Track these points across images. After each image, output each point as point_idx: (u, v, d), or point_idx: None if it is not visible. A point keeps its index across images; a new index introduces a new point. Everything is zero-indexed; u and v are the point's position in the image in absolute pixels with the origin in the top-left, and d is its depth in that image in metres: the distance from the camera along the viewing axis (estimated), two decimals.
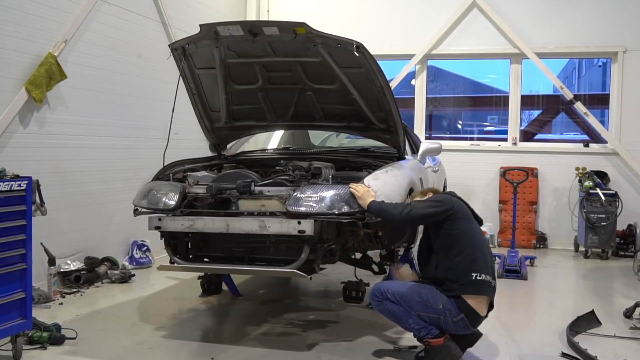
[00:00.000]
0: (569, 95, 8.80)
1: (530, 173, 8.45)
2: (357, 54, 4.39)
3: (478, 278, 3.82)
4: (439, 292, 3.84)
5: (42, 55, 5.57)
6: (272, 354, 4.16)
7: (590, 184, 8.13)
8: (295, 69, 4.93)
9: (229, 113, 5.43)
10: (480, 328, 4.73)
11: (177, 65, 5.02)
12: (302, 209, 4.09)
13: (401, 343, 4.35)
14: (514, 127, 9.14)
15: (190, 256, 4.77)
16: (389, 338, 4.49)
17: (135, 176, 6.37)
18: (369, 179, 4.26)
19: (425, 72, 9.50)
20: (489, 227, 8.89)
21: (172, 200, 4.46)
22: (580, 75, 13.31)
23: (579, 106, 8.73)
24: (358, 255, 5.22)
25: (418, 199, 4.12)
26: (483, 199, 9.07)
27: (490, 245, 8.56)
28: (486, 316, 3.98)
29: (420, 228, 5.37)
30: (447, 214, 3.86)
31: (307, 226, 4.03)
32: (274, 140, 6.61)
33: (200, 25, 4.63)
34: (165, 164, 4.92)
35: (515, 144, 9.09)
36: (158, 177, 4.81)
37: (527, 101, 9.64)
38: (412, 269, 6.54)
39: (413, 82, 9.60)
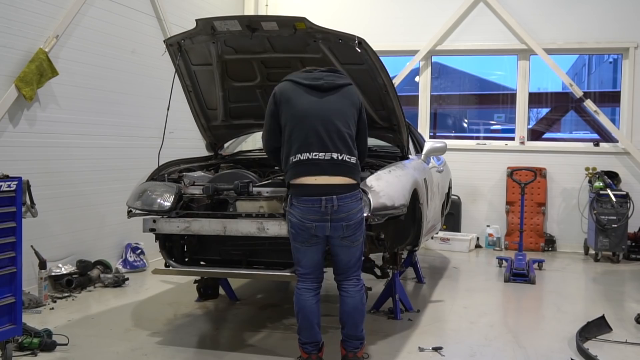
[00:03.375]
0: (578, 92, 8.80)
1: (539, 173, 8.45)
2: (359, 50, 4.40)
3: (294, 160, 3.72)
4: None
5: (32, 51, 5.57)
6: None
7: (601, 184, 8.13)
8: (295, 65, 4.93)
9: (226, 111, 5.44)
10: (486, 332, 4.75)
11: (173, 61, 5.03)
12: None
13: (422, 345, 4.39)
14: (521, 126, 9.14)
15: (186, 259, 4.78)
16: (391, 344, 4.49)
17: (129, 176, 6.36)
18: (371, 179, 4.26)
19: (429, 69, 9.50)
20: (496, 229, 8.90)
21: (167, 202, 4.47)
22: (590, 72, 13.30)
23: (589, 104, 8.73)
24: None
25: None
26: (489, 200, 9.07)
27: (497, 248, 8.70)
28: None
29: (425, 229, 5.39)
30: (275, 104, 3.85)
31: None
32: None
33: (196, 20, 4.64)
34: (160, 164, 4.92)
35: (522, 143, 9.08)
36: (153, 177, 4.82)
37: (535, 99, 9.64)
38: (416, 272, 6.55)
39: (417, 79, 9.60)
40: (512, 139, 9.22)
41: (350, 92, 3.89)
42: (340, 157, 3.68)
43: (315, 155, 3.66)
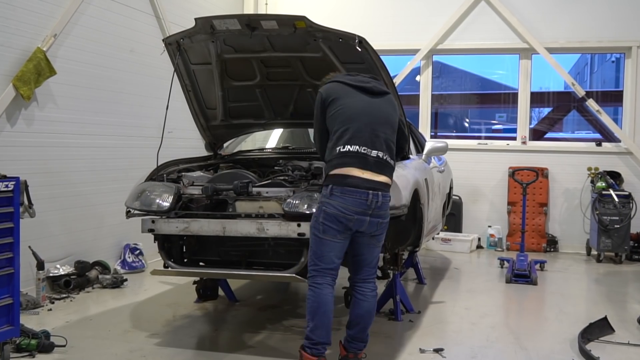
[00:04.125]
0: (580, 92, 8.80)
1: (540, 173, 8.45)
2: (360, 49, 4.40)
3: (342, 150, 3.70)
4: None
5: (30, 50, 5.57)
6: None
7: (603, 184, 8.13)
8: (295, 64, 4.93)
9: (225, 110, 5.44)
10: (488, 334, 4.74)
11: (172, 60, 5.03)
12: (301, 210, 4.09)
13: (423, 347, 4.39)
14: (523, 126, 9.14)
15: (185, 260, 4.78)
16: (392, 346, 4.49)
17: (128, 176, 6.36)
18: None
19: (430, 68, 9.50)
20: (497, 230, 8.90)
21: (166, 202, 4.47)
22: (593, 71, 13.31)
23: (591, 103, 8.73)
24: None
25: None
26: (491, 201, 9.08)
27: (499, 249, 8.70)
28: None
29: (426, 230, 5.39)
30: (323, 104, 3.84)
31: (307, 229, 4.03)
32: (272, 139, 6.61)
33: (195, 19, 4.64)
34: (158, 164, 4.92)
35: (524, 143, 9.08)
36: (151, 177, 4.82)
37: (537, 98, 9.64)
38: (417, 273, 6.55)
39: (418, 78, 9.60)
40: (514, 138, 9.22)
41: (392, 100, 3.99)
42: (384, 157, 3.74)
43: (365, 150, 3.69)
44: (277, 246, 4.43)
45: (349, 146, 3.68)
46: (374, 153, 3.69)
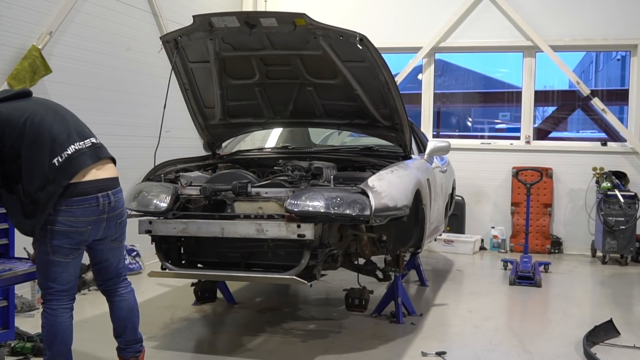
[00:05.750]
0: (585, 90, 8.80)
1: (545, 173, 8.45)
2: (361, 47, 4.40)
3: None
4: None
5: (25, 48, 5.57)
6: None
7: (608, 185, 8.13)
8: (295, 62, 4.94)
9: (224, 110, 5.44)
10: (491, 337, 4.75)
11: (169, 58, 5.03)
12: (306, 208, 4.08)
13: (425, 350, 4.38)
14: (527, 125, 9.14)
15: (183, 262, 4.78)
16: (394, 349, 4.49)
17: (125, 177, 6.28)
18: (373, 180, 4.26)
19: (432, 66, 9.50)
20: (501, 231, 8.90)
21: (163, 203, 4.47)
22: (598, 69, 13.32)
23: (596, 102, 8.73)
24: (361, 260, 5.23)
25: None
26: (494, 201, 9.08)
27: (502, 251, 8.71)
28: None
29: (428, 231, 5.39)
30: None
31: (308, 230, 4.04)
32: (271, 138, 6.62)
33: (193, 16, 4.64)
34: (156, 164, 4.93)
35: (528, 142, 9.09)
36: (149, 177, 4.83)
37: (541, 97, 9.64)
38: (419, 275, 6.56)
39: (420, 76, 9.60)
40: (518, 138, 9.22)
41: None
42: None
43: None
44: (277, 247, 4.43)
45: (67, 150, 3.30)
46: (88, 142, 3.43)
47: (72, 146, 3.32)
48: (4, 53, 5.43)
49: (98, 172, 3.39)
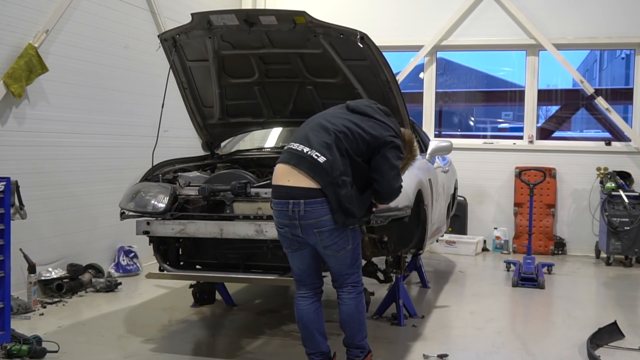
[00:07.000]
0: (589, 89, 8.79)
1: (548, 174, 8.44)
2: (361, 45, 4.41)
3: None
4: None
5: (21, 47, 5.58)
6: None
7: (613, 185, 8.13)
8: (295, 61, 4.94)
9: (223, 109, 5.44)
10: (493, 339, 4.75)
11: (167, 57, 5.03)
12: None
13: (427, 353, 4.38)
14: (530, 124, 9.14)
15: (181, 263, 4.78)
16: (395, 351, 4.49)
17: (122, 177, 6.36)
18: None
19: (434, 65, 9.50)
20: (503, 232, 8.90)
21: (161, 203, 4.47)
22: (602, 68, 13.32)
23: (601, 101, 8.73)
24: (362, 262, 5.22)
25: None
26: (497, 202, 9.08)
27: (505, 252, 8.70)
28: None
29: (429, 232, 5.39)
30: None
31: None
32: (271, 138, 6.61)
33: (192, 14, 4.64)
34: (154, 164, 4.92)
35: (531, 142, 9.08)
36: (146, 177, 4.82)
37: (545, 96, 9.64)
38: (421, 277, 6.56)
39: (421, 75, 9.60)
40: (521, 137, 9.21)
41: (375, 122, 3.89)
42: (316, 156, 3.68)
43: (296, 147, 3.69)
44: (276, 249, 4.42)
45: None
46: (300, 148, 3.56)
47: None
48: (0, 52, 5.43)
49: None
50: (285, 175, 3.56)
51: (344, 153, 3.57)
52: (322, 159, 3.50)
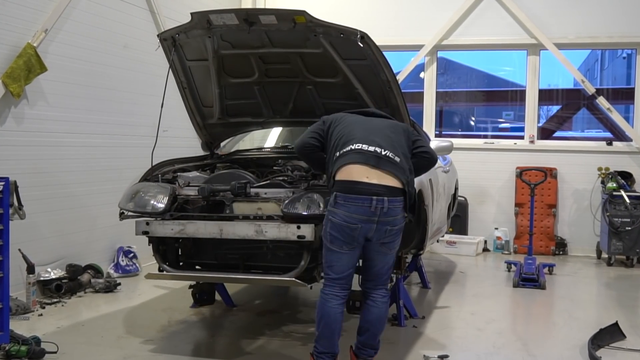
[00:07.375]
0: (590, 89, 8.79)
1: (549, 174, 8.44)
2: (362, 45, 4.40)
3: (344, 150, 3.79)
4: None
5: (20, 46, 5.57)
6: None
7: (614, 185, 8.13)
8: (295, 60, 4.93)
9: (222, 108, 5.44)
10: (494, 340, 4.74)
11: (167, 56, 5.03)
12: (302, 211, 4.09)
13: (427, 353, 4.38)
14: (531, 124, 9.13)
15: (181, 263, 4.77)
16: (395, 352, 4.49)
17: (121, 177, 6.36)
18: None
19: (435, 64, 9.50)
20: (504, 232, 8.90)
21: (161, 203, 4.47)
22: (603, 67, 13.33)
23: (602, 101, 8.73)
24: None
25: None
26: (498, 202, 9.07)
27: (506, 252, 8.70)
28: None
29: (430, 232, 5.39)
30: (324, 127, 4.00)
31: (307, 231, 4.04)
32: (271, 138, 6.61)
33: (191, 14, 4.64)
34: (153, 164, 4.92)
35: (532, 142, 9.08)
36: (146, 177, 4.82)
37: (546, 96, 9.64)
38: (421, 277, 6.55)
39: (422, 75, 9.60)
40: (522, 137, 9.21)
41: (396, 122, 4.21)
42: (385, 153, 3.88)
43: (362, 147, 3.87)
44: (276, 249, 4.42)
45: (348, 146, 3.77)
46: (371, 149, 3.74)
47: None
48: None
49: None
50: (362, 173, 3.67)
51: (405, 152, 3.83)
52: (397, 159, 3.74)
